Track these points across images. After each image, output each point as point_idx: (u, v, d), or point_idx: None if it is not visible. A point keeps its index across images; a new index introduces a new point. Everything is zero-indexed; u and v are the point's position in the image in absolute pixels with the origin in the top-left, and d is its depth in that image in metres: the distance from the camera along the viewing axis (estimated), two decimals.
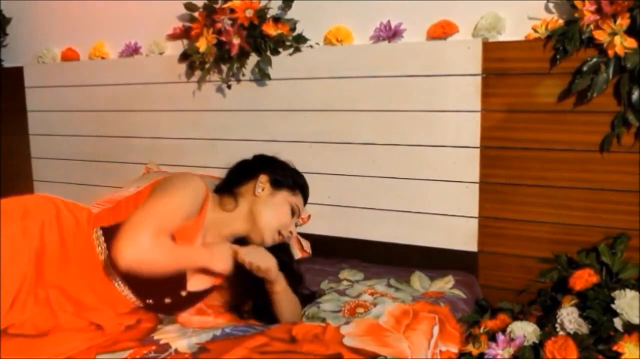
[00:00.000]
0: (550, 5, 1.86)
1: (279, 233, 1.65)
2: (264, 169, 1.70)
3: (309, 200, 1.78)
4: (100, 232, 1.53)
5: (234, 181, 1.71)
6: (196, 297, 1.62)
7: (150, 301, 1.57)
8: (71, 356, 1.41)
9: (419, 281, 1.92)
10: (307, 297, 1.75)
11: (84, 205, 1.69)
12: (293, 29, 2.22)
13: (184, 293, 1.58)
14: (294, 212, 1.68)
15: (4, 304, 1.38)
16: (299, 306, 1.68)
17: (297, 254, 2.16)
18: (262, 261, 1.57)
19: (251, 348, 1.42)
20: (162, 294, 1.57)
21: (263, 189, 1.66)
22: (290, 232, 1.69)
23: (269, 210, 1.63)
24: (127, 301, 1.55)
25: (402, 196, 2.10)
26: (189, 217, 1.52)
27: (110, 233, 1.45)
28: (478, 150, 1.96)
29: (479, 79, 1.93)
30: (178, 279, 1.55)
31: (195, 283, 1.60)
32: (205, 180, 1.65)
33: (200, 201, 1.56)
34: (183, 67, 2.42)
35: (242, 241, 1.66)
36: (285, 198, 1.67)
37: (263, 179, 1.67)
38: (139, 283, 1.49)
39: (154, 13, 2.54)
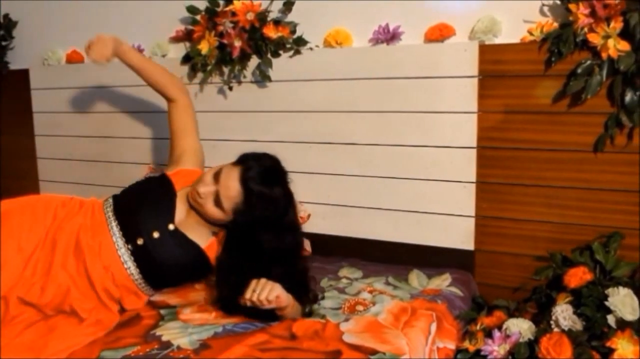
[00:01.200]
0: (545, 8, 1.86)
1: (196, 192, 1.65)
2: None
3: (309, 199, 1.78)
4: (111, 198, 1.74)
5: None
6: (185, 244, 1.66)
7: (140, 240, 1.61)
8: (75, 353, 1.41)
9: (416, 279, 1.93)
10: (311, 301, 1.71)
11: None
12: (293, 31, 2.22)
13: (171, 226, 1.65)
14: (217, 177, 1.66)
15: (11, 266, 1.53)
16: (300, 307, 1.67)
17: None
18: (270, 293, 1.46)
19: (252, 345, 1.42)
20: (151, 228, 1.63)
21: None
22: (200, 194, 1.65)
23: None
24: (117, 260, 1.61)
25: (400, 196, 2.10)
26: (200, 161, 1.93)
27: (122, 192, 1.75)
28: (475, 150, 1.97)
29: (475, 80, 1.93)
30: (167, 212, 1.67)
31: (188, 229, 1.68)
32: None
33: (198, 167, 1.88)
34: (185, 69, 2.42)
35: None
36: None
37: None
38: (128, 213, 1.65)
39: (157, 16, 2.54)
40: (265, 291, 1.45)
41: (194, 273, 1.72)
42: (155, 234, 1.62)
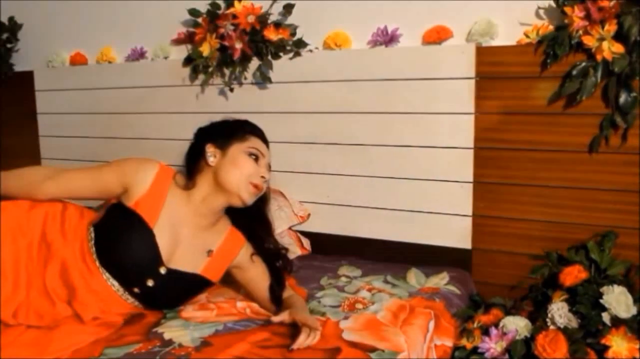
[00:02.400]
0: (541, 11, 1.87)
1: (253, 185, 1.58)
2: (206, 139, 1.65)
3: (309, 199, 1.78)
4: (92, 229, 1.57)
5: (189, 165, 1.68)
6: (182, 279, 1.58)
7: (136, 289, 1.55)
8: (78, 351, 1.41)
9: (415, 277, 1.93)
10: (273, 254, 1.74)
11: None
12: (293, 34, 2.23)
13: (162, 270, 1.54)
14: (256, 157, 1.61)
15: (4, 284, 1.46)
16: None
17: (297, 251, 2.17)
18: (314, 340, 1.43)
19: (253, 342, 1.43)
20: (143, 278, 1.53)
21: (215, 156, 1.61)
22: (263, 177, 1.60)
23: (229, 168, 1.58)
24: (120, 299, 1.55)
25: (398, 195, 2.11)
26: (109, 188, 1.58)
27: (98, 230, 1.56)
28: (472, 151, 1.97)
29: (472, 82, 1.93)
30: (152, 257, 1.53)
31: (179, 262, 1.58)
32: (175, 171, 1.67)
33: (146, 177, 1.57)
34: (187, 71, 2.43)
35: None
36: (237, 149, 1.61)
37: (209, 148, 1.62)
38: (115, 267, 1.53)
39: (159, 19, 2.54)
40: (310, 340, 1.41)
41: (200, 290, 1.69)
42: (150, 283, 1.53)
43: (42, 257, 1.54)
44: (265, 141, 1.69)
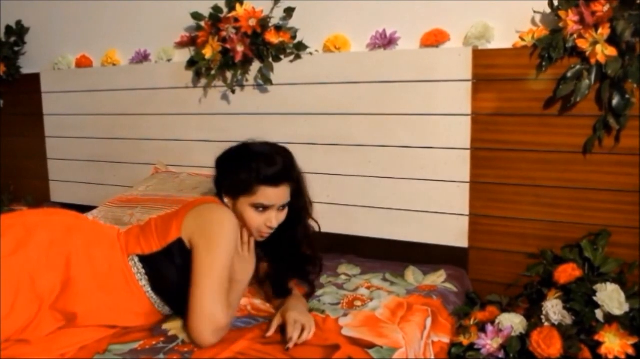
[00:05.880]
0: (537, 15, 1.87)
1: (261, 233, 1.57)
2: (221, 182, 1.60)
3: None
4: (137, 259, 1.49)
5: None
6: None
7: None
8: (83, 347, 1.40)
9: (412, 275, 1.93)
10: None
11: (110, 225, 1.68)
12: (294, 37, 2.23)
13: None
14: (264, 207, 1.54)
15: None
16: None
17: None
18: (309, 335, 1.43)
19: (254, 338, 1.42)
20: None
21: (229, 204, 1.57)
22: (272, 226, 1.56)
23: (240, 218, 1.54)
24: (156, 311, 1.54)
25: (396, 195, 2.11)
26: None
27: (149, 262, 1.48)
28: (468, 151, 1.97)
29: (469, 84, 1.93)
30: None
31: None
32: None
33: (237, 233, 1.51)
34: (190, 73, 2.43)
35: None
36: (244, 203, 1.54)
37: (224, 195, 1.58)
38: (178, 303, 1.46)
39: (163, 22, 2.55)
40: (304, 336, 1.41)
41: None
42: None
43: (67, 302, 1.43)
44: (276, 182, 1.53)
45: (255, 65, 2.28)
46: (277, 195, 1.54)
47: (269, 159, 1.55)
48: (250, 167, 1.53)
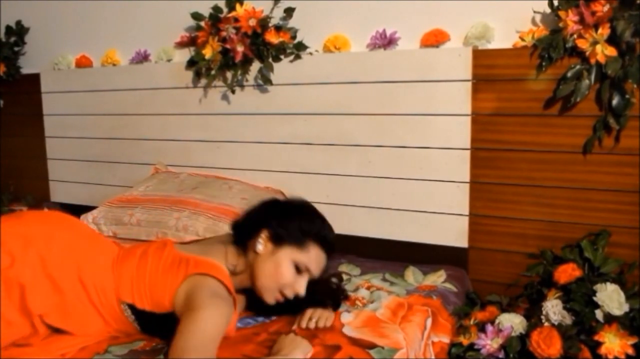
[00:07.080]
0: (537, 15, 1.86)
1: (282, 295, 1.44)
2: (268, 220, 1.47)
3: (309, 199, 1.74)
4: (126, 306, 1.41)
5: (243, 234, 1.50)
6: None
7: None
8: (83, 348, 1.40)
9: (412, 275, 1.93)
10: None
11: (107, 238, 1.65)
12: (294, 37, 2.23)
13: None
14: (300, 270, 1.42)
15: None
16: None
17: None
18: (327, 321, 1.44)
19: (253, 338, 1.42)
20: None
21: (264, 247, 1.43)
22: (297, 293, 1.43)
23: (269, 268, 1.41)
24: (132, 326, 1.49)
25: (396, 195, 2.11)
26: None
27: (141, 312, 1.40)
28: (468, 151, 1.97)
29: (469, 84, 1.93)
30: None
31: None
32: (226, 273, 1.41)
33: (232, 310, 1.35)
34: (190, 73, 2.43)
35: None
36: (287, 255, 1.42)
37: (263, 234, 1.44)
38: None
39: (163, 22, 2.54)
40: (323, 320, 1.45)
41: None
42: None
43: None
44: (329, 248, 1.48)
45: (255, 66, 2.27)
46: (319, 261, 1.46)
47: (330, 226, 1.51)
48: (313, 221, 1.48)
